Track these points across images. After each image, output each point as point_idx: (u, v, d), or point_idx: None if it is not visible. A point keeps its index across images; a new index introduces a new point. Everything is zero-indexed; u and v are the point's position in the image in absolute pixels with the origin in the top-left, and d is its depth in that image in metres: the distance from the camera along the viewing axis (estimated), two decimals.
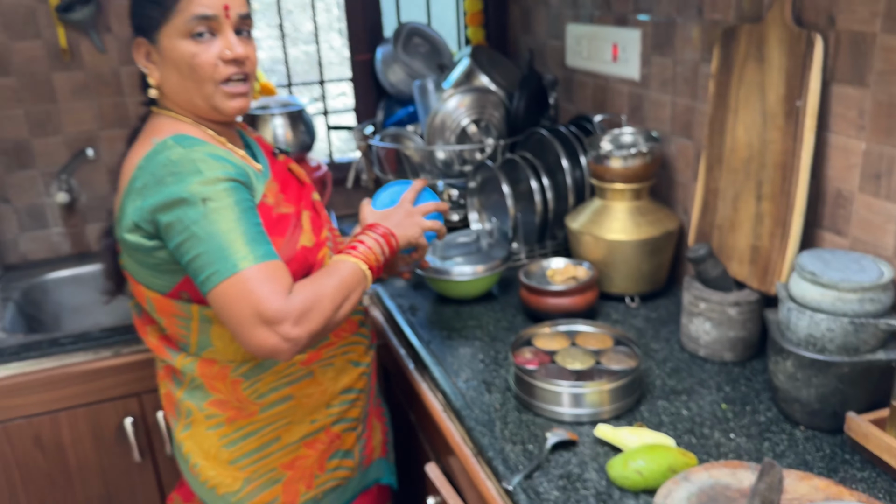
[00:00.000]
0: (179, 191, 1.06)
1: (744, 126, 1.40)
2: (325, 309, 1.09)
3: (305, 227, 1.25)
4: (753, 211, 1.39)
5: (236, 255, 1.05)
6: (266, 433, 1.26)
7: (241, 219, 1.07)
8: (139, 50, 1.18)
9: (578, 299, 1.54)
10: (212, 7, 1.12)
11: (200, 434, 1.26)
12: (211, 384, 1.23)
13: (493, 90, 2.06)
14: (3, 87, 2.01)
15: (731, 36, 1.42)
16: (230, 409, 1.24)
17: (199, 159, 1.09)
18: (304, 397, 1.27)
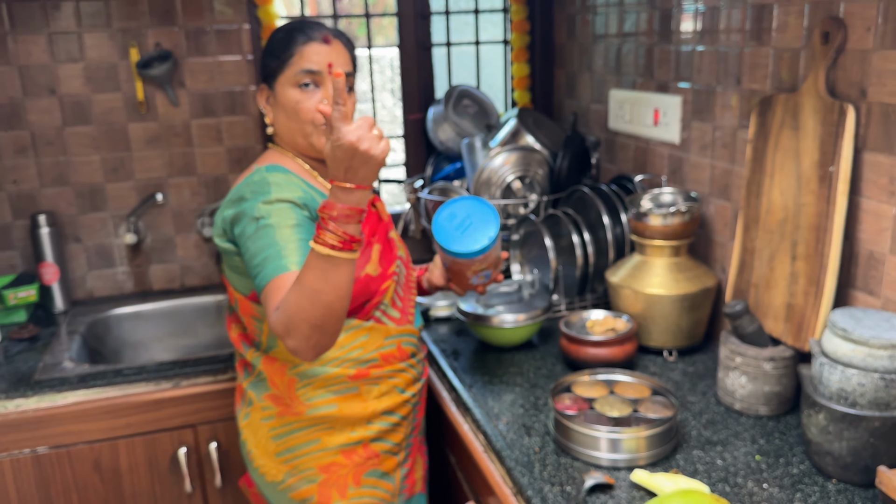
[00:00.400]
0: (247, 207, 1.28)
1: (779, 189, 1.47)
2: (303, 312, 1.10)
3: (374, 258, 1.40)
4: (788, 270, 1.45)
5: (261, 274, 1.21)
6: (309, 433, 1.39)
7: (279, 235, 1.23)
8: (261, 94, 1.42)
9: (617, 350, 1.60)
10: (318, 63, 1.35)
11: (256, 423, 1.42)
12: (271, 379, 1.39)
13: (538, 149, 2.16)
14: (83, 134, 2.18)
15: (768, 105, 1.50)
16: (282, 405, 1.39)
17: (272, 182, 1.29)
18: (346, 409, 1.39)
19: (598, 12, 2.19)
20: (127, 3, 2.12)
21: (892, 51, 1.26)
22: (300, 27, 1.38)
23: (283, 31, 1.39)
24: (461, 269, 1.47)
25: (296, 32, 1.37)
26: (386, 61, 3.20)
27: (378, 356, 1.41)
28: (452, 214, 1.45)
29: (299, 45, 1.35)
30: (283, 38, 1.37)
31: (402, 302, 1.48)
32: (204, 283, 2.38)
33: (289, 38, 1.36)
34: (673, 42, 1.84)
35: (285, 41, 1.36)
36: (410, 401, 1.48)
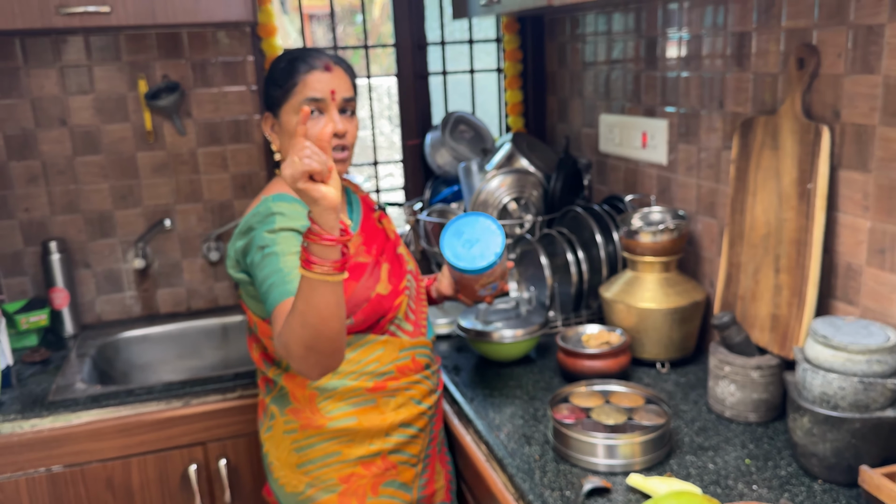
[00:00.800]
0: (254, 237, 1.33)
1: (762, 206, 1.55)
2: (295, 337, 1.14)
3: (383, 277, 1.46)
4: (772, 282, 1.52)
5: (268, 300, 1.26)
6: (330, 446, 1.44)
7: (283, 262, 1.27)
8: (266, 122, 1.46)
9: (612, 362, 1.67)
10: (321, 91, 1.39)
11: (278, 436, 1.47)
12: (293, 394, 1.44)
13: (532, 172, 2.25)
14: (92, 163, 2.26)
15: (749, 126, 1.59)
16: (304, 418, 1.44)
17: (277, 212, 1.33)
18: (365, 421, 1.44)
19: (588, 41, 2.29)
20: (135, 38, 2.21)
21: (862, 75, 1.35)
22: (301, 56, 1.42)
23: (285, 60, 1.43)
24: (470, 282, 1.55)
25: (297, 62, 1.41)
26: (383, 89, 3.30)
27: (394, 368, 1.46)
28: (459, 231, 1.53)
29: (302, 74, 1.39)
30: (286, 67, 1.41)
31: (415, 315, 1.54)
32: (209, 306, 2.45)
33: (291, 68, 1.40)
34: (659, 68, 1.94)
35: (288, 70, 1.40)
36: (427, 413, 1.53)
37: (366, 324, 1.42)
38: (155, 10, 1.86)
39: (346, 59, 1.49)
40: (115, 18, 1.84)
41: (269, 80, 1.43)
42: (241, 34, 2.30)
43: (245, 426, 1.88)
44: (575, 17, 2.35)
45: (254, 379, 1.89)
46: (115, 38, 2.20)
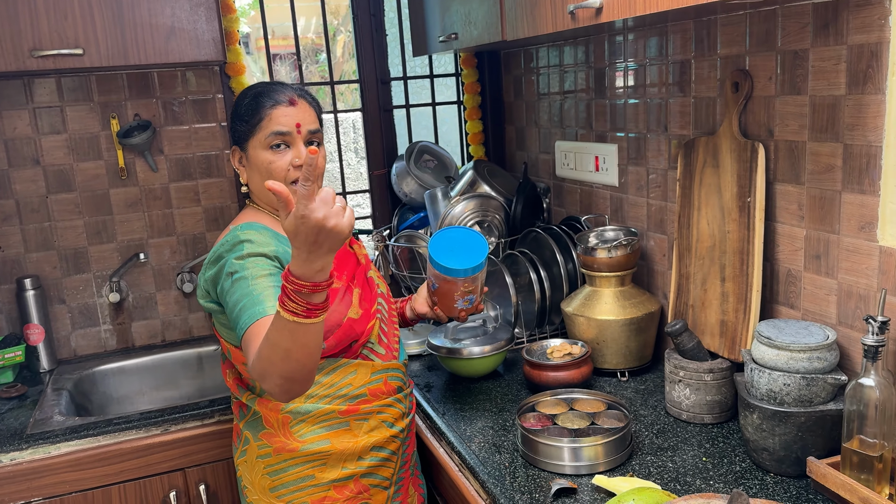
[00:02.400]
0: (223, 265, 1.36)
1: (706, 220, 1.67)
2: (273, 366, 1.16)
3: (354, 302, 1.47)
4: (719, 291, 1.63)
5: (246, 319, 1.26)
6: (303, 469, 1.45)
7: (252, 285, 1.29)
8: (234, 155, 1.49)
9: (575, 372, 1.76)
10: (286, 125, 1.42)
11: (251, 461, 1.48)
12: (266, 419, 1.46)
13: (494, 196, 2.35)
14: (66, 201, 2.30)
15: (692, 147, 1.71)
16: (277, 443, 1.45)
17: (244, 239, 1.37)
18: (339, 444, 1.46)
19: (542, 73, 2.42)
20: (106, 78, 2.28)
21: (791, 96, 1.48)
22: (265, 91, 1.44)
23: (250, 95, 1.45)
24: (450, 289, 1.61)
25: (262, 97, 1.43)
26: (349, 123, 3.41)
27: (366, 391, 1.48)
28: (447, 238, 1.62)
29: (267, 109, 1.41)
30: (251, 103, 1.43)
31: (387, 338, 1.56)
32: (184, 337, 2.49)
33: (256, 103, 1.43)
34: (608, 97, 2.07)
35: (253, 106, 1.43)
36: (399, 436, 1.55)
37: (338, 348, 1.44)
38: (127, 52, 1.94)
39: (310, 92, 1.51)
40: (89, 60, 1.91)
41: (235, 116, 1.46)
42: (211, 73, 2.38)
43: (224, 451, 1.92)
44: (529, 51, 2.48)
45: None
46: (87, 78, 2.27)
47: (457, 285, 1.60)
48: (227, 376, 1.54)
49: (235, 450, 1.57)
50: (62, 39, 1.89)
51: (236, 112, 1.46)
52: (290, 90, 1.46)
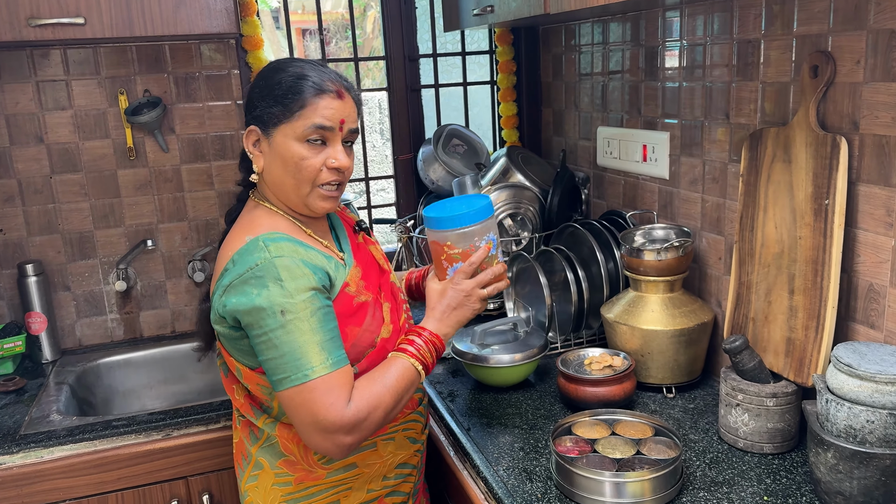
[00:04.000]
0: (260, 300, 1.15)
1: (773, 223, 1.47)
2: (379, 417, 1.21)
3: (386, 318, 1.34)
4: (787, 304, 1.43)
5: (307, 365, 1.15)
6: (328, 496, 1.34)
7: (317, 329, 1.16)
8: (250, 136, 1.28)
9: (616, 388, 1.58)
10: (331, 119, 1.23)
11: (266, 487, 1.35)
12: (285, 446, 1.32)
13: (528, 186, 2.16)
14: (71, 182, 2.16)
15: (758, 138, 1.50)
16: (300, 471, 1.32)
17: (281, 267, 1.17)
18: (365, 467, 1.36)
19: (584, 51, 2.21)
20: (115, 51, 2.13)
21: (883, 83, 1.27)
22: (310, 73, 1.24)
23: (290, 75, 1.23)
24: (436, 251, 1.37)
25: (306, 80, 1.23)
26: (374, 103, 3.22)
27: None
28: (447, 201, 1.44)
29: (311, 97, 1.22)
30: (292, 84, 1.22)
31: None
32: (195, 328, 2.34)
33: (298, 86, 1.22)
34: (660, 79, 1.86)
35: (294, 88, 1.22)
36: (420, 449, 1.48)
37: (369, 370, 1.28)
38: (132, 22, 1.78)
39: (354, 87, 1.31)
40: (91, 30, 1.75)
41: (264, 93, 1.24)
42: (226, 47, 2.21)
43: (229, 459, 1.78)
44: (570, 27, 2.27)
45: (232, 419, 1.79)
46: (95, 51, 2.11)
47: (440, 246, 1.36)
48: (235, 393, 1.36)
49: (242, 472, 1.40)
50: (62, 7, 1.73)
51: (266, 89, 1.24)
52: (338, 79, 1.27)
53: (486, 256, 1.36)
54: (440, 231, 1.36)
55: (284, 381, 1.16)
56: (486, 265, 1.37)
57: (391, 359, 1.26)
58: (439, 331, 1.31)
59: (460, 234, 1.35)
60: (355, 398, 1.18)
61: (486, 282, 1.36)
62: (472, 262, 1.34)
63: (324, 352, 1.16)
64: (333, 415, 1.14)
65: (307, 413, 1.16)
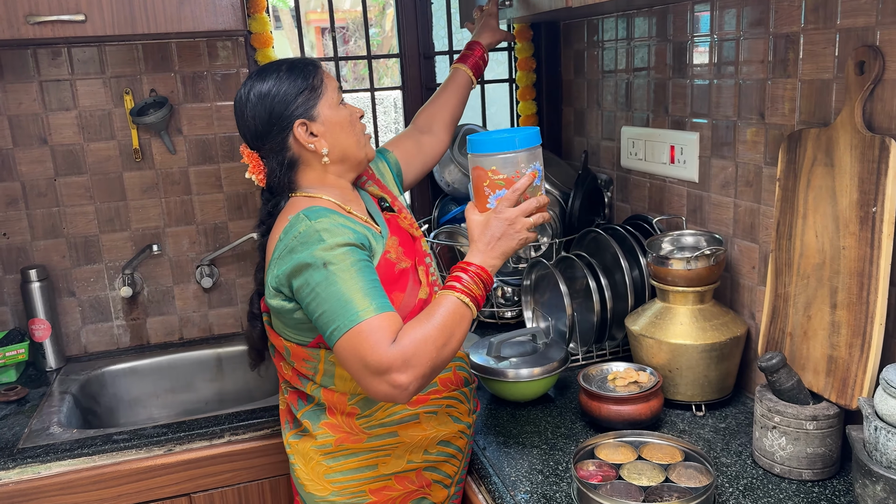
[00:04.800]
0: (305, 257, 1.22)
1: (814, 231, 1.36)
2: (430, 352, 1.18)
3: (423, 280, 1.40)
4: (828, 319, 1.33)
5: (353, 311, 1.18)
6: (366, 459, 1.36)
7: (357, 277, 1.21)
8: (301, 130, 1.34)
9: (642, 407, 1.48)
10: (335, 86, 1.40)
11: (306, 447, 1.38)
12: (331, 409, 1.36)
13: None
14: (76, 184, 2.10)
15: (797, 140, 1.40)
16: (341, 433, 1.35)
17: (322, 229, 1.24)
18: (406, 437, 1.37)
19: (607, 47, 2.11)
20: (120, 50, 2.06)
21: None
22: (295, 62, 1.38)
23: (298, 63, 1.37)
24: (479, 177, 1.33)
25: (302, 64, 1.37)
26: (390, 101, 3.15)
27: (437, 380, 1.39)
28: (492, 131, 1.41)
29: (318, 71, 1.37)
30: (306, 68, 1.36)
31: None
32: (204, 335, 2.28)
33: (306, 70, 1.36)
34: (689, 76, 1.75)
35: (305, 72, 1.35)
36: (466, 432, 1.45)
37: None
38: (134, 19, 1.70)
39: None
40: (91, 28, 1.68)
41: (291, 90, 1.33)
42: (235, 45, 2.14)
43: (235, 475, 1.70)
44: (593, 22, 2.17)
45: (246, 421, 1.72)
46: (100, 49, 2.05)
47: (484, 172, 1.32)
48: (283, 369, 1.42)
49: (286, 431, 1.45)
50: (61, 4, 1.66)
51: (289, 86, 1.33)
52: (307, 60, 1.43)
53: (530, 185, 1.31)
54: (485, 155, 1.32)
55: (335, 333, 1.19)
56: (529, 195, 1.33)
57: (438, 297, 1.25)
58: (485, 263, 1.28)
59: (506, 158, 1.31)
60: (401, 336, 1.18)
61: (531, 210, 1.31)
62: (516, 188, 1.30)
63: (367, 297, 1.19)
64: (380, 353, 1.15)
65: (357, 358, 1.17)
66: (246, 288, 2.28)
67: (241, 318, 2.30)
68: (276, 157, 1.35)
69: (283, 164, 1.35)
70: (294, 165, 1.36)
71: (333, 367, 1.33)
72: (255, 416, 1.74)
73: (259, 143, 1.35)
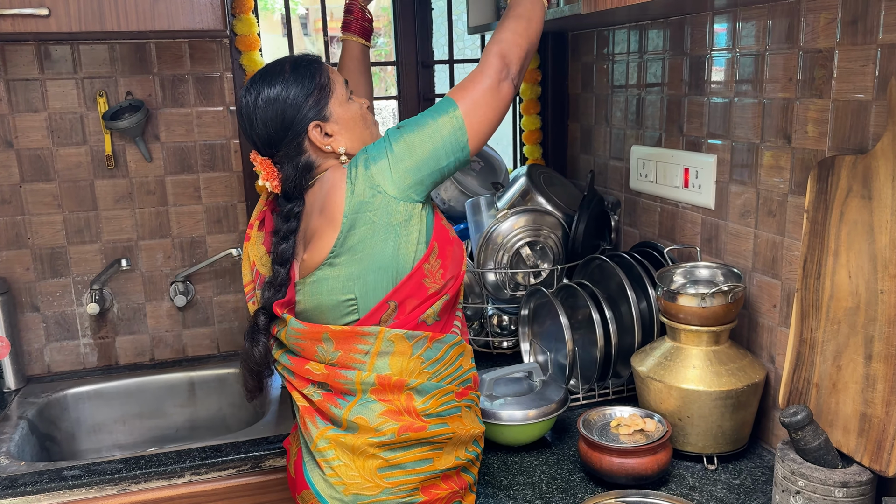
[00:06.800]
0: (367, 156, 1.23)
1: (847, 271, 1.21)
2: (520, 39, 1.27)
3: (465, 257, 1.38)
4: (862, 372, 1.17)
5: (450, 99, 1.25)
6: (426, 451, 1.27)
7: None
8: (316, 132, 1.29)
9: (648, 461, 1.32)
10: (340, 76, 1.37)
11: (359, 441, 1.25)
12: (387, 398, 1.26)
13: (551, 211, 1.92)
14: (43, 192, 1.96)
15: (829, 168, 1.25)
16: (404, 419, 1.26)
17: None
18: (455, 427, 1.30)
19: (618, 60, 1.97)
20: (96, 49, 1.92)
21: None
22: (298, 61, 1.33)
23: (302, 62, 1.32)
24: None
25: (305, 62, 1.32)
26: (388, 112, 3.01)
27: (471, 377, 1.35)
28: None
29: (323, 67, 1.33)
30: (310, 66, 1.31)
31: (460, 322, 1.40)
32: (176, 357, 2.13)
33: (311, 68, 1.31)
34: (706, 93, 1.61)
35: (311, 71, 1.31)
36: (483, 437, 1.37)
37: (455, 269, 1.30)
38: (103, 15, 1.56)
39: None
40: (56, 23, 1.54)
41: (300, 93, 1.29)
42: (219, 46, 2.00)
43: None
44: (603, 33, 2.03)
45: (210, 459, 1.56)
46: (73, 48, 1.91)
47: None
48: (313, 370, 1.29)
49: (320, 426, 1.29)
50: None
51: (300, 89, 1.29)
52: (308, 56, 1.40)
53: None
54: None
55: (445, 99, 1.25)
56: None
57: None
58: None
59: None
60: (495, 42, 1.27)
61: None
62: None
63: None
64: (487, 74, 1.24)
65: (480, 93, 1.24)
66: (224, 307, 2.13)
67: (218, 338, 2.15)
68: (291, 162, 1.30)
69: (299, 168, 1.30)
70: (310, 168, 1.31)
71: (392, 347, 1.25)
72: (221, 453, 1.58)
73: (272, 150, 1.31)
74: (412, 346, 1.24)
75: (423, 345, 1.25)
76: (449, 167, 1.24)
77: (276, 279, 1.32)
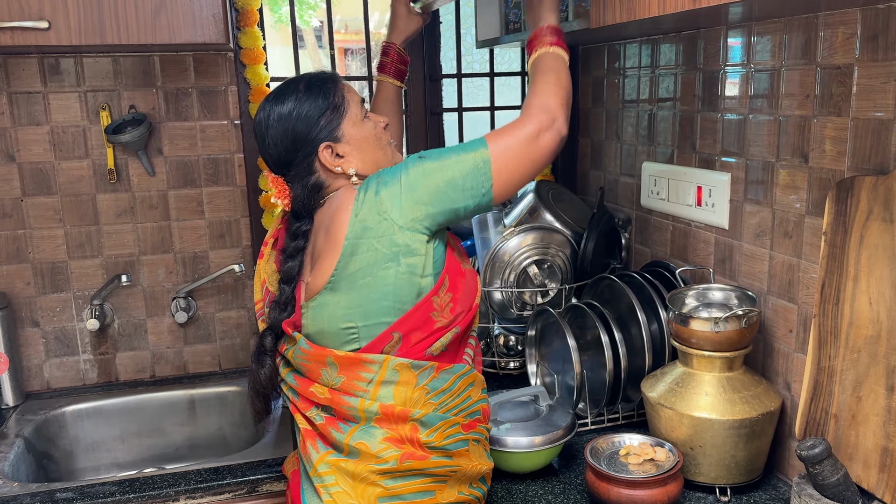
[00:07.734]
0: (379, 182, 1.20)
1: (867, 297, 1.15)
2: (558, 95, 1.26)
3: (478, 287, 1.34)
4: (884, 403, 1.12)
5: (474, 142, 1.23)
6: (427, 483, 1.23)
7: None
8: (326, 153, 1.27)
9: (658, 493, 1.27)
10: (354, 93, 1.33)
11: (360, 468, 1.22)
12: (389, 424, 1.23)
13: (559, 228, 1.87)
14: (45, 205, 1.93)
15: (848, 189, 1.20)
16: (404, 448, 1.22)
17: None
18: (460, 461, 1.26)
19: (629, 75, 1.93)
20: (99, 62, 1.90)
21: None
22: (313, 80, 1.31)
23: (316, 80, 1.30)
24: None
25: (320, 81, 1.30)
26: None
27: (480, 409, 1.31)
28: None
29: (338, 86, 1.31)
30: (324, 85, 1.29)
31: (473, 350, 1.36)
32: (177, 374, 2.10)
33: (325, 87, 1.29)
34: (720, 109, 1.56)
35: (325, 90, 1.29)
36: (490, 475, 1.33)
37: (466, 303, 1.27)
38: (104, 28, 1.54)
39: None
40: (56, 36, 1.52)
41: (313, 112, 1.27)
42: (224, 60, 1.98)
43: None
44: (614, 48, 1.99)
45: (206, 482, 1.52)
46: (76, 61, 1.89)
47: None
48: (316, 393, 1.25)
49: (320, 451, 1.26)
50: (23, 10, 1.50)
51: (313, 109, 1.27)
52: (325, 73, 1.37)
53: None
54: None
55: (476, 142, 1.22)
56: None
57: (543, 59, 1.30)
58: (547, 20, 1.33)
59: None
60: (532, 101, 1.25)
61: None
62: None
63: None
64: (530, 117, 1.23)
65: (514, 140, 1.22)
66: (226, 323, 2.10)
67: (219, 355, 2.11)
68: (301, 181, 1.29)
69: (308, 188, 1.29)
70: (320, 188, 1.30)
71: (396, 376, 1.21)
72: (218, 476, 1.54)
73: (283, 170, 1.30)
74: (417, 375, 1.21)
75: (429, 374, 1.22)
76: (466, 209, 1.20)
77: (282, 297, 1.30)
